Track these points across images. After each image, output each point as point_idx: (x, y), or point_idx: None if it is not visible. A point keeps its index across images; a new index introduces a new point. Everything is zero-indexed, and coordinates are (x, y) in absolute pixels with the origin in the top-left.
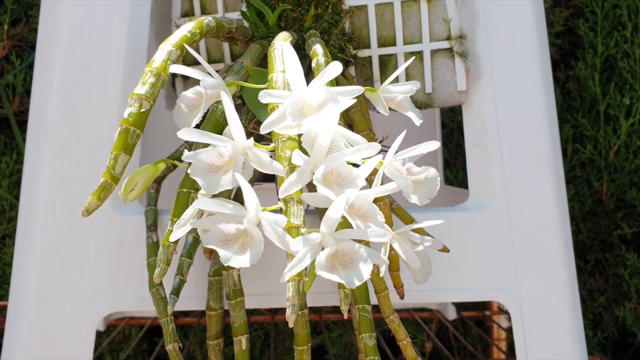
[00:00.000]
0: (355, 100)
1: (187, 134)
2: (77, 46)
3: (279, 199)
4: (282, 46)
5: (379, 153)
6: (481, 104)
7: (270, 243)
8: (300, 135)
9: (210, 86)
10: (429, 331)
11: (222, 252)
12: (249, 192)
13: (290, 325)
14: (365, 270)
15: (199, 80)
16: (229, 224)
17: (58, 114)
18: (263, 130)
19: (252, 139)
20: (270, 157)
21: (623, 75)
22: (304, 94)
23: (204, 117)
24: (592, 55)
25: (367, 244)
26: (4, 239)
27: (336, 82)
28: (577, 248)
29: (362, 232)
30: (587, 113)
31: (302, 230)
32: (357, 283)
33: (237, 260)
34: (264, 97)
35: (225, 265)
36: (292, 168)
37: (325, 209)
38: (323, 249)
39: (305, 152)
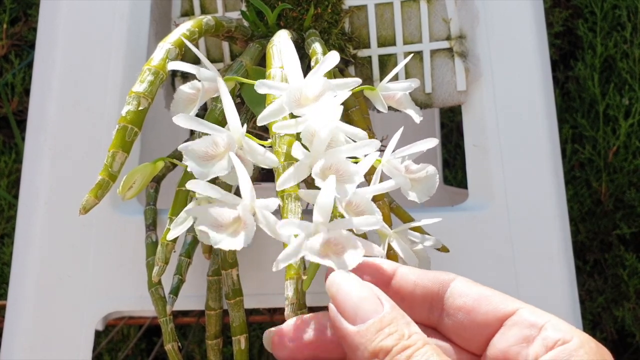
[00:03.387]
0: (352, 96)
1: (183, 120)
2: (76, 45)
3: (277, 195)
4: (280, 42)
5: (378, 152)
6: (481, 104)
7: (270, 243)
8: (299, 133)
9: (206, 78)
10: None
11: (212, 234)
12: (243, 176)
13: None
14: (358, 254)
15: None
16: (223, 209)
17: (57, 113)
18: (260, 122)
19: (245, 126)
20: None
21: (622, 75)
22: (301, 85)
23: (203, 117)
24: (591, 56)
25: (364, 236)
26: (2, 238)
27: None
28: (576, 248)
29: (354, 221)
30: (587, 113)
31: None
32: (350, 266)
33: (228, 242)
34: (260, 87)
35: (215, 247)
36: (289, 164)
37: None
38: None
39: (303, 147)
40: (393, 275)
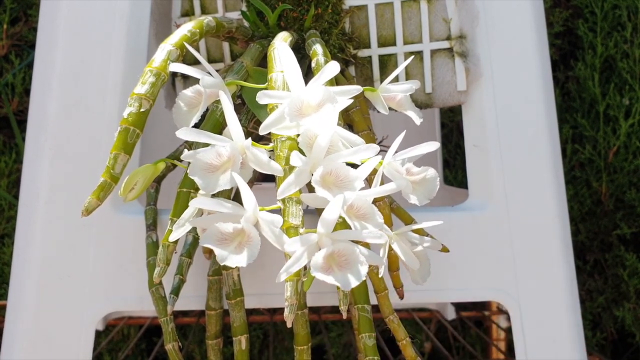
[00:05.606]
0: (353, 100)
1: (186, 133)
2: (76, 45)
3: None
4: (279, 48)
5: (379, 153)
6: (481, 104)
7: (270, 242)
8: (299, 135)
9: (209, 85)
10: (428, 331)
11: (218, 251)
12: (246, 192)
13: (289, 325)
14: (362, 272)
15: (199, 80)
16: (226, 223)
17: (57, 113)
18: (262, 131)
19: (250, 138)
20: (270, 157)
21: (622, 75)
22: (302, 95)
23: (203, 117)
24: (591, 56)
25: (366, 245)
26: (2, 239)
27: (336, 81)
28: (576, 248)
29: (359, 233)
30: (587, 113)
31: (301, 230)
32: (353, 285)
33: (234, 259)
34: (262, 98)
35: (222, 264)
36: (291, 168)
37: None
38: (320, 249)
39: (302, 152)
40: None
